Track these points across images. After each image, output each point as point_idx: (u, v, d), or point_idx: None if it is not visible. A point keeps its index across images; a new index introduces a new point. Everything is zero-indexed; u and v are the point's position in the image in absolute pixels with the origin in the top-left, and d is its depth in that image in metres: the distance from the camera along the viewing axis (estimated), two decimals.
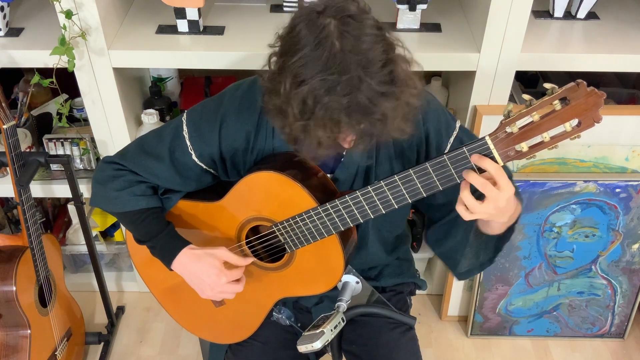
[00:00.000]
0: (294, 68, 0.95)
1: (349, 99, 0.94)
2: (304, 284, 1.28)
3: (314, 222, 1.15)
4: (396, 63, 0.98)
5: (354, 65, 0.93)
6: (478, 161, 0.98)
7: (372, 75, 0.94)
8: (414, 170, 1.03)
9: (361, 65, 0.94)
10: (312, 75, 0.94)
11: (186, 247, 1.23)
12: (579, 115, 0.90)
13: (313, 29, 0.95)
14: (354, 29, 0.95)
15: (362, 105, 0.94)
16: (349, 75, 0.93)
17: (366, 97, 0.94)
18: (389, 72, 0.96)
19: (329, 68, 0.93)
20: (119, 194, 1.24)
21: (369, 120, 0.96)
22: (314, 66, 0.94)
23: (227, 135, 1.21)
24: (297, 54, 0.95)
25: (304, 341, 1.16)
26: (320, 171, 1.22)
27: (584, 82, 0.89)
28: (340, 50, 0.93)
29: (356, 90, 0.94)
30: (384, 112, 0.96)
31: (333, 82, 0.93)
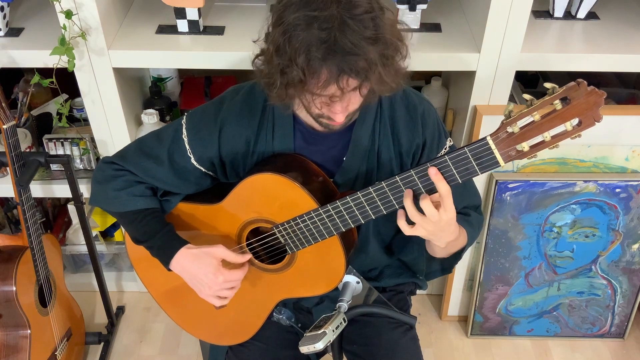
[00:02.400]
0: (277, 14, 0.97)
1: (327, 34, 0.93)
2: (305, 285, 1.28)
3: (315, 223, 1.15)
4: (383, 14, 0.98)
5: (334, 5, 0.93)
6: (434, 177, 1.00)
7: (354, 17, 0.94)
8: (415, 171, 1.03)
9: (343, 6, 0.94)
10: (291, 14, 0.95)
11: (184, 247, 1.23)
12: (579, 115, 0.91)
13: None
14: None
15: (342, 46, 0.93)
16: (328, 12, 0.93)
17: (348, 39, 0.93)
18: (371, 19, 0.95)
19: (309, 6, 0.94)
20: (118, 194, 1.24)
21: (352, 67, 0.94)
22: (295, 7, 0.95)
23: (226, 139, 1.20)
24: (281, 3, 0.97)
25: (306, 342, 1.16)
26: (321, 173, 1.22)
27: (584, 81, 0.89)
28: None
29: (337, 29, 0.93)
30: (368, 58, 0.94)
31: (313, 17, 0.93)
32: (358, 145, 1.20)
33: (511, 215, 1.78)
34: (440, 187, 1.01)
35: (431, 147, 1.23)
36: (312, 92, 0.98)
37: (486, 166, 0.98)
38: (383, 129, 1.20)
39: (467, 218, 1.28)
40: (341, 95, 0.99)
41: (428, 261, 1.33)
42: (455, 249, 1.24)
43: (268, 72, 1.01)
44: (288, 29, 0.94)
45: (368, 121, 1.18)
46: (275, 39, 0.96)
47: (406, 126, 1.20)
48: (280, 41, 0.95)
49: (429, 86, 1.93)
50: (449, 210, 1.04)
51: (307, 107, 1.04)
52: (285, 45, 0.95)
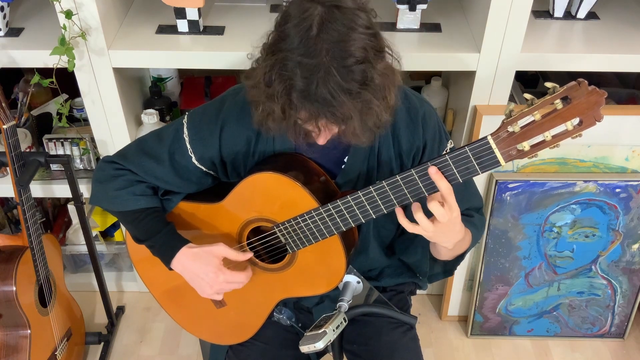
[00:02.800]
0: (273, 39, 0.99)
1: (306, 83, 0.93)
2: (306, 285, 1.28)
3: (316, 222, 1.15)
4: (374, 66, 0.96)
5: (324, 53, 0.93)
6: (434, 176, 1.00)
7: (341, 68, 0.93)
8: (416, 170, 1.02)
9: (332, 55, 0.93)
10: (282, 49, 0.96)
11: (185, 246, 1.23)
12: (580, 114, 0.90)
13: (300, 10, 0.96)
14: (337, 20, 0.95)
15: (320, 95, 0.94)
16: (315, 60, 0.93)
17: (327, 89, 0.93)
18: (361, 71, 0.95)
19: (300, 48, 0.94)
20: (118, 194, 1.24)
21: (327, 115, 0.95)
22: (289, 42, 0.95)
23: (227, 139, 1.21)
24: (279, 28, 0.98)
25: (306, 341, 1.16)
26: (322, 172, 1.22)
27: (585, 81, 0.89)
28: (315, 35, 0.94)
29: (318, 78, 0.93)
30: (344, 112, 0.95)
31: (299, 62, 0.94)
32: (359, 147, 1.20)
33: (511, 215, 1.78)
34: (441, 186, 1.01)
35: (432, 149, 1.23)
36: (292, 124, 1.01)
37: (487, 165, 0.98)
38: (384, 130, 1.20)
39: (470, 219, 1.28)
40: (318, 132, 1.03)
41: (431, 263, 1.33)
42: (460, 250, 1.24)
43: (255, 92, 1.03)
44: (276, 64, 0.96)
45: None
46: (265, 67, 0.98)
47: (407, 128, 1.20)
48: (268, 71, 0.97)
49: (429, 86, 1.92)
50: (454, 209, 1.03)
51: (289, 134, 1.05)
52: (271, 78, 0.97)
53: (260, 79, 0.99)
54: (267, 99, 0.99)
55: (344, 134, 1.02)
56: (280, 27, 0.98)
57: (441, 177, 1.00)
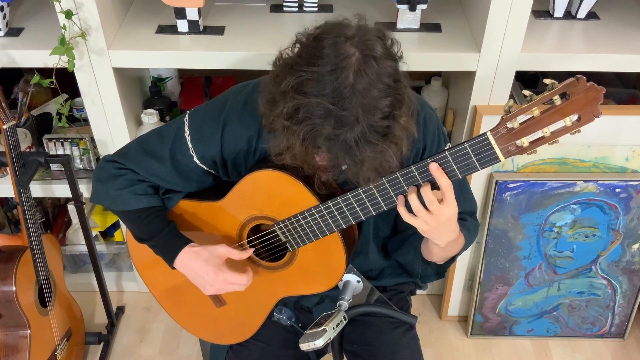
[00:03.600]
0: (304, 76, 0.96)
1: (337, 133, 0.95)
2: (306, 283, 1.28)
3: (316, 219, 1.15)
4: (397, 121, 0.98)
5: (357, 106, 0.94)
6: (435, 172, 1.01)
7: (369, 122, 0.95)
8: (416, 167, 1.03)
9: (364, 109, 0.94)
10: (315, 94, 0.95)
11: (187, 246, 1.23)
12: (579, 110, 0.91)
13: (336, 52, 0.95)
14: (373, 71, 0.95)
15: (347, 144, 0.96)
16: (348, 112, 0.94)
17: (353, 139, 0.95)
18: (386, 127, 0.97)
19: (334, 97, 0.94)
20: (120, 193, 1.24)
21: (347, 159, 0.98)
22: (322, 87, 0.94)
23: (229, 138, 1.21)
24: (312, 67, 0.95)
25: (306, 339, 1.16)
26: None
27: (583, 77, 0.89)
28: (351, 85, 0.94)
29: (348, 129, 0.95)
30: (362, 159, 0.98)
31: (331, 111, 0.94)
32: None
33: (511, 215, 1.78)
34: (442, 182, 1.02)
35: (430, 151, 1.24)
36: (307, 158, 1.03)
37: (486, 161, 0.99)
38: None
39: (464, 223, 1.28)
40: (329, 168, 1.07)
41: (423, 265, 1.33)
42: (452, 252, 1.24)
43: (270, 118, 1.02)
44: (306, 107, 0.95)
45: None
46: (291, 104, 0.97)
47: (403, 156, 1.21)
48: (293, 110, 0.97)
49: (429, 86, 1.93)
50: (452, 206, 1.04)
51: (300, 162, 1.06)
52: (297, 117, 0.97)
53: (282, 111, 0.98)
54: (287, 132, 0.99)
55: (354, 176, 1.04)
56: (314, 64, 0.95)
57: (442, 174, 1.01)
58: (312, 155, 1.02)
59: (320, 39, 0.98)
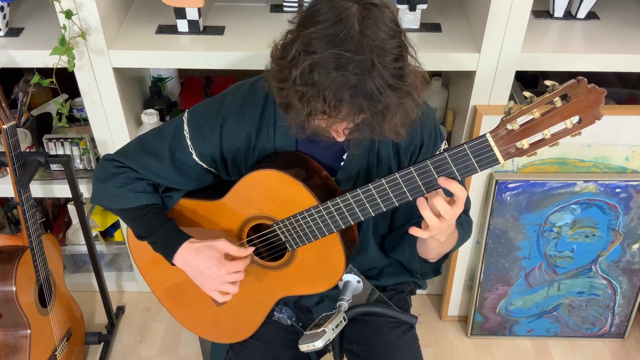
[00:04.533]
0: (308, 38, 0.96)
1: (358, 79, 0.94)
2: (305, 283, 1.28)
3: (315, 220, 1.15)
4: (406, 62, 0.99)
5: (369, 49, 0.94)
6: (445, 184, 1.02)
7: (384, 65, 0.95)
8: (415, 168, 1.03)
9: (376, 51, 0.94)
10: (325, 48, 0.94)
11: (187, 241, 1.23)
12: (579, 112, 0.91)
13: (335, 8, 0.96)
14: (375, 16, 0.96)
15: (368, 90, 0.95)
16: (363, 56, 0.94)
17: (375, 85, 0.94)
18: (399, 68, 0.97)
19: (345, 45, 0.94)
20: (119, 191, 1.24)
21: (371, 109, 0.96)
22: (330, 41, 0.94)
23: (228, 135, 1.21)
24: (315, 26, 0.96)
25: (305, 340, 1.16)
26: (322, 170, 1.22)
27: (584, 79, 0.89)
28: (359, 31, 0.94)
29: (367, 74, 0.94)
30: (387, 105, 0.97)
31: (346, 59, 0.93)
32: (358, 143, 1.20)
33: (511, 215, 1.78)
34: (455, 190, 1.02)
35: (427, 148, 1.24)
36: (327, 122, 1.01)
37: (485, 163, 0.98)
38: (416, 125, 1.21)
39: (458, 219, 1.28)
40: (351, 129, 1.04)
41: (421, 263, 1.33)
42: (447, 248, 1.24)
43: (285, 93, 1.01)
44: (319, 63, 0.94)
45: None
46: (303, 67, 0.96)
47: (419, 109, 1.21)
48: (307, 70, 0.95)
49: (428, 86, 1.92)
50: (461, 207, 1.05)
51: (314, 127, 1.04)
52: (312, 77, 0.95)
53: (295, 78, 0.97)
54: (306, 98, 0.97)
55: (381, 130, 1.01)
56: (313, 26, 0.96)
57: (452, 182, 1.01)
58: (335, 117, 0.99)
59: (315, 4, 0.99)
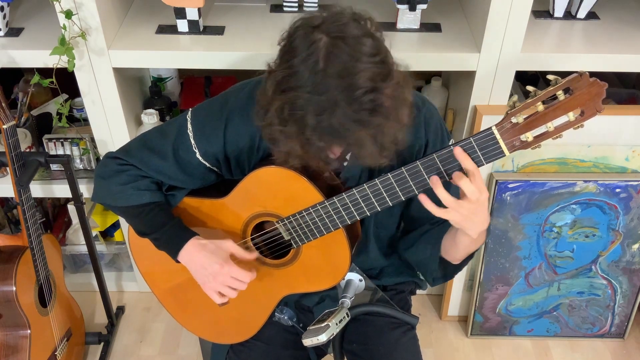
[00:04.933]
0: (281, 75, 0.97)
1: (319, 120, 0.94)
2: (310, 280, 1.28)
3: (321, 216, 1.15)
4: (382, 92, 0.96)
5: (333, 87, 0.93)
6: (460, 156, 1.00)
7: (350, 101, 0.93)
8: (421, 162, 1.04)
9: (341, 89, 0.93)
10: (293, 87, 0.95)
11: (193, 238, 1.23)
12: (582, 105, 0.94)
13: (305, 42, 0.95)
14: (343, 52, 0.94)
15: (333, 127, 0.94)
16: (325, 96, 0.93)
17: (338, 122, 0.94)
18: (370, 101, 0.94)
19: (309, 84, 0.94)
20: (122, 188, 1.24)
21: (341, 142, 0.98)
22: (297, 79, 0.95)
23: (232, 135, 1.21)
24: (287, 63, 0.97)
25: (309, 335, 1.16)
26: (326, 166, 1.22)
27: (586, 72, 0.92)
28: (322, 70, 0.93)
29: (329, 113, 0.94)
30: (358, 139, 0.97)
31: (308, 99, 0.94)
32: None
33: (511, 215, 1.78)
34: (468, 165, 1.00)
35: (434, 147, 1.23)
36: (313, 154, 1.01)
37: (491, 156, 1.00)
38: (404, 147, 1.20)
39: None
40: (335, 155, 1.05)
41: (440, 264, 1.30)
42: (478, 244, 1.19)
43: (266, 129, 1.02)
44: (287, 103, 0.95)
45: None
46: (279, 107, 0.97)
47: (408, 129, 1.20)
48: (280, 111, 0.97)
49: (429, 86, 1.93)
50: (483, 190, 1.02)
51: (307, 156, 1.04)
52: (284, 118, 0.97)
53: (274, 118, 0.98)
54: (282, 136, 0.99)
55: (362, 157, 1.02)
56: (288, 61, 0.97)
57: (466, 157, 1.00)
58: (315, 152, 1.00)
59: (291, 35, 0.98)
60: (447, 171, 1.03)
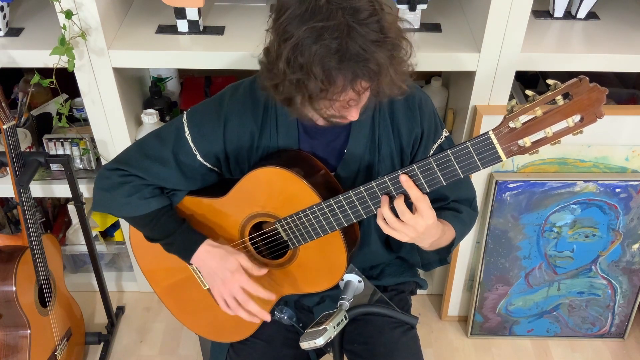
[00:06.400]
0: (281, 28, 0.97)
1: (338, 43, 0.94)
2: (307, 281, 1.28)
3: (318, 218, 1.15)
4: (384, 19, 0.98)
5: (340, 12, 0.94)
6: (405, 183, 1.03)
7: (360, 23, 0.95)
8: (418, 166, 1.03)
9: (348, 13, 0.94)
10: (298, 28, 0.95)
11: (205, 242, 1.25)
12: (581, 111, 0.92)
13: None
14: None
15: (353, 52, 0.94)
16: (335, 21, 0.94)
17: (357, 45, 0.94)
18: (376, 21, 0.96)
19: (314, 17, 0.94)
20: (129, 200, 1.24)
21: (364, 69, 0.96)
22: (300, 20, 0.95)
23: (231, 134, 1.21)
24: (285, 13, 0.97)
25: (306, 338, 1.16)
26: (324, 168, 1.23)
27: (586, 77, 0.90)
28: (325, 2, 0.94)
29: (346, 36, 0.94)
30: (379, 61, 0.96)
31: (320, 28, 0.94)
32: (359, 136, 1.21)
33: (511, 215, 1.78)
34: (412, 194, 1.04)
35: (428, 136, 1.24)
36: (330, 99, 1.00)
37: (488, 161, 0.99)
38: (382, 119, 1.21)
39: (459, 215, 1.28)
40: (357, 98, 1.02)
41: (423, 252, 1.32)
42: (441, 245, 1.23)
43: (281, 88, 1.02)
44: (299, 42, 0.95)
45: (367, 112, 1.19)
46: (286, 54, 0.96)
47: (405, 115, 1.21)
48: (291, 56, 0.96)
49: (429, 86, 1.93)
50: (426, 217, 1.05)
51: (323, 112, 1.04)
52: (297, 59, 0.96)
53: (284, 69, 0.97)
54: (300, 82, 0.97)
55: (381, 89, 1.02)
56: (283, 15, 0.97)
57: (411, 186, 1.03)
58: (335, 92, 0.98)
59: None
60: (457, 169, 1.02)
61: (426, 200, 1.05)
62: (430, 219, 1.06)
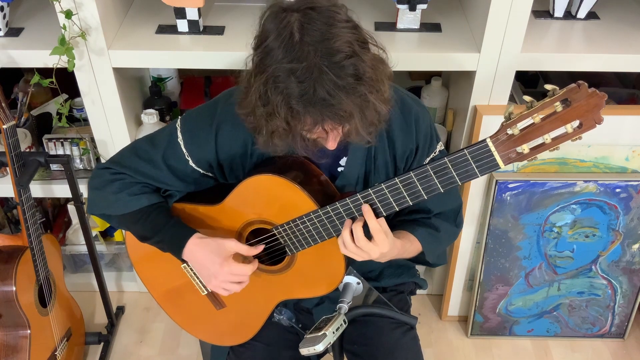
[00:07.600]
0: (257, 59, 0.98)
1: (304, 87, 0.93)
2: (305, 286, 1.28)
3: (315, 224, 1.15)
4: (363, 60, 0.96)
5: (312, 54, 0.93)
6: (366, 214, 1.06)
7: (332, 66, 0.93)
8: (415, 173, 1.03)
9: (321, 54, 0.93)
10: (271, 64, 0.95)
11: (194, 235, 1.22)
12: (580, 117, 0.90)
13: (276, 21, 0.97)
14: (316, 20, 0.95)
15: (320, 97, 0.93)
16: (306, 63, 0.93)
17: (325, 90, 0.93)
18: (352, 65, 0.94)
19: (287, 56, 0.94)
20: (118, 197, 1.24)
21: (330, 114, 0.95)
22: (274, 55, 0.95)
23: (223, 142, 1.20)
24: (261, 45, 0.97)
25: (306, 344, 1.16)
26: (321, 173, 1.22)
27: (585, 83, 0.88)
28: (299, 40, 0.94)
29: (314, 80, 0.93)
30: (345, 109, 0.95)
31: (290, 69, 0.93)
32: (356, 149, 1.20)
33: (511, 215, 1.78)
34: (369, 224, 1.06)
35: (422, 151, 1.24)
36: (299, 134, 1.00)
37: (486, 168, 0.98)
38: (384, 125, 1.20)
39: (434, 233, 1.27)
40: (327, 135, 1.03)
41: None
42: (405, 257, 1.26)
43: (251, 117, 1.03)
44: (269, 79, 0.95)
45: None
46: (257, 87, 0.97)
47: (401, 130, 1.21)
48: (262, 90, 0.97)
49: (429, 86, 1.92)
50: (381, 246, 1.08)
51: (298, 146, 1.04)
52: (267, 95, 0.96)
53: (255, 101, 0.98)
54: (268, 117, 0.98)
55: (348, 134, 1.02)
56: (261, 45, 0.98)
57: (371, 216, 1.06)
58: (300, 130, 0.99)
59: (262, 19, 1.00)
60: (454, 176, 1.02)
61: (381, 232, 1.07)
62: (385, 248, 1.09)
